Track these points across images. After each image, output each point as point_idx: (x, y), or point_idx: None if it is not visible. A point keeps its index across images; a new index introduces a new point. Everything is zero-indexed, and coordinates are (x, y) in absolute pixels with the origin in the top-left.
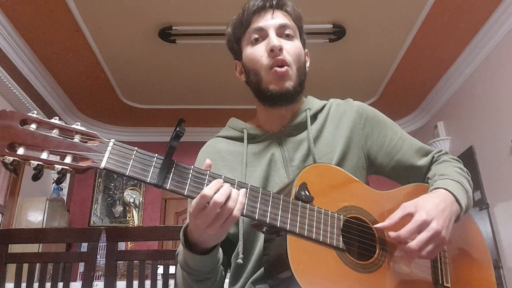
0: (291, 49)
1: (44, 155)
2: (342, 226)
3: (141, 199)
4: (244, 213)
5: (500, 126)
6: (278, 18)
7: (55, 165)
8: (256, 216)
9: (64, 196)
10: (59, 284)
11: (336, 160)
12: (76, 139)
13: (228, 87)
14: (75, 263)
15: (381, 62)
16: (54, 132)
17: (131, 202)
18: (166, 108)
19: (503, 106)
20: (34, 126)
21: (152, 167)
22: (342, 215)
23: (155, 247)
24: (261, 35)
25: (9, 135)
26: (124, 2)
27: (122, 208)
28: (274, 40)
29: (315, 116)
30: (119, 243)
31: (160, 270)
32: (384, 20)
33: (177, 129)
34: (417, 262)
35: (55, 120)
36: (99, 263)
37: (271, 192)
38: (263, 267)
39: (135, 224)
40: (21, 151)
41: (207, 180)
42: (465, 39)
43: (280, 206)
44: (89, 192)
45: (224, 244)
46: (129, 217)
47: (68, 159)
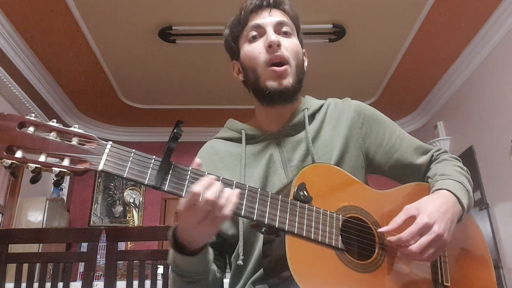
0: (289, 46)
1: (42, 157)
2: (341, 226)
3: (141, 199)
4: (242, 213)
5: (500, 126)
6: (276, 16)
7: (53, 167)
8: (255, 217)
9: (64, 196)
10: (59, 284)
11: (334, 159)
12: (74, 141)
13: (228, 87)
14: (75, 263)
15: (381, 62)
16: (52, 135)
17: (131, 202)
18: (166, 108)
19: (503, 106)
20: (32, 128)
21: (150, 169)
22: (341, 215)
23: (155, 247)
24: (259, 32)
25: (7, 138)
26: (124, 2)
27: (122, 208)
28: (272, 36)
29: (313, 116)
30: (119, 243)
31: (160, 270)
32: (384, 20)
33: (174, 130)
34: (416, 262)
35: (53, 123)
36: (99, 263)
37: (270, 192)
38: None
39: (135, 224)
40: (19, 154)
41: None
42: (465, 39)
43: (278, 206)
44: (89, 192)
45: (223, 246)
46: (129, 217)
47: (66, 162)
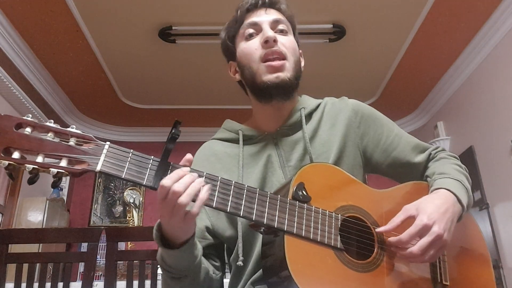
0: (286, 42)
1: (39, 158)
2: (340, 226)
3: (141, 199)
4: (241, 214)
5: (500, 126)
6: (272, 14)
7: (50, 168)
8: (254, 217)
9: (64, 196)
10: (59, 284)
11: (332, 159)
12: (72, 142)
13: (228, 87)
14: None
15: (381, 62)
16: (49, 135)
17: (131, 202)
18: (166, 108)
19: (503, 106)
20: (29, 129)
21: (148, 170)
22: (339, 215)
23: (155, 247)
24: (255, 30)
25: (4, 139)
26: (124, 2)
27: (122, 208)
28: (269, 32)
29: (310, 115)
30: (119, 243)
31: (160, 270)
32: (384, 20)
33: (172, 131)
34: None
35: (50, 123)
36: (99, 263)
37: (268, 192)
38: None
39: (135, 224)
40: (16, 155)
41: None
42: (465, 39)
43: (277, 206)
44: (89, 192)
45: (220, 247)
46: (129, 217)
47: (63, 163)
